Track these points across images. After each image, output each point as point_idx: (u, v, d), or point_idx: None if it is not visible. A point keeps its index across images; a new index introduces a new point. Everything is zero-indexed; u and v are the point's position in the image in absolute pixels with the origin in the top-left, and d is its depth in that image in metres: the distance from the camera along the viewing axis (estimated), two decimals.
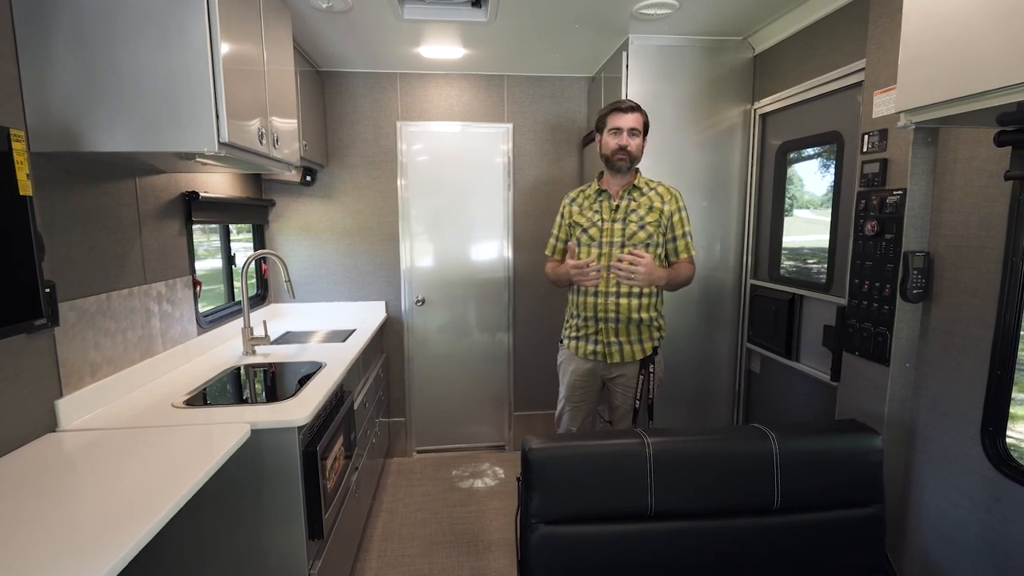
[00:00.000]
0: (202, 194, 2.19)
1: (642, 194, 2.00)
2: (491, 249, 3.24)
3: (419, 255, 3.19)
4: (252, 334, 2.26)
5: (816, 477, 1.42)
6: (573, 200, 2.11)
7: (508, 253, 3.23)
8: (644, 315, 1.97)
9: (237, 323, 2.41)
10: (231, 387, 1.89)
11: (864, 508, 1.44)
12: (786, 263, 2.40)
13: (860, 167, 1.75)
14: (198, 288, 2.24)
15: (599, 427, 2.23)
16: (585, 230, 2.01)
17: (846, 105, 1.97)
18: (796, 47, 2.23)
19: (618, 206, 1.98)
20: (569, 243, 1.98)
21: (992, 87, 1.04)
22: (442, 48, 2.65)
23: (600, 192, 2.03)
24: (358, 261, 3.15)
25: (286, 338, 2.59)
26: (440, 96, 3.08)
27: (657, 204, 1.97)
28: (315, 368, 2.02)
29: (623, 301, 1.95)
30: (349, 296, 3.16)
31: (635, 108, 1.95)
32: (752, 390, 2.61)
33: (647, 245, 1.95)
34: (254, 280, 3.05)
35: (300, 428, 1.54)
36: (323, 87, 3.00)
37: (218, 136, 1.43)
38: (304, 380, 1.87)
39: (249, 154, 1.67)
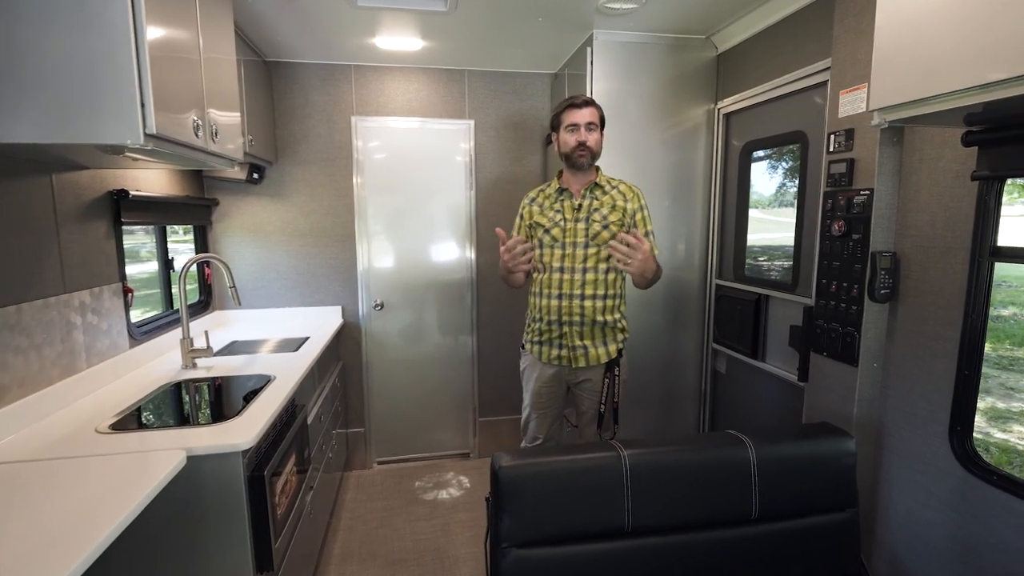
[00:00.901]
0: (132, 192, 1.99)
1: (604, 192, 1.93)
2: (453, 249, 3.12)
3: (377, 257, 3.04)
4: (192, 345, 2.07)
5: (793, 484, 1.39)
6: (533, 200, 2.03)
7: (471, 253, 3.12)
8: (608, 317, 1.91)
9: (176, 333, 2.21)
10: (166, 407, 1.71)
11: (839, 513, 1.42)
12: (749, 262, 2.39)
13: (827, 167, 1.74)
14: (130, 296, 2.03)
15: (566, 431, 2.16)
16: (547, 231, 1.93)
17: (810, 105, 1.97)
18: (759, 47, 2.22)
19: (580, 205, 1.92)
20: (497, 229, 1.85)
21: (964, 86, 1.01)
22: (399, 39, 2.51)
23: (561, 191, 1.96)
24: (312, 264, 2.97)
25: (232, 348, 2.40)
26: (398, 90, 2.94)
27: (620, 203, 1.91)
28: (263, 382, 1.86)
29: (587, 303, 1.89)
30: (302, 301, 2.98)
31: (590, 102, 1.89)
32: (718, 391, 2.61)
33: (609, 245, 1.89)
34: (196, 286, 2.83)
35: (245, 452, 1.40)
36: (271, 79, 2.81)
37: (144, 127, 1.27)
38: (251, 396, 1.72)
39: (184, 148, 1.50)
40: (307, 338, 2.54)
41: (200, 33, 1.62)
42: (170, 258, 2.48)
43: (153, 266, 2.46)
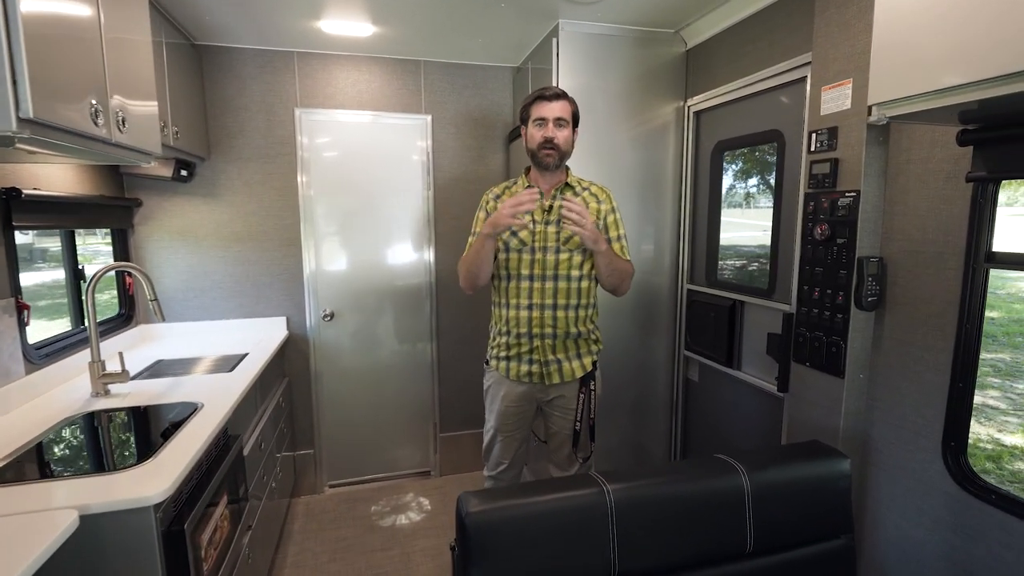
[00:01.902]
0: (27, 191, 1.69)
1: (576, 194, 1.78)
2: (410, 253, 2.91)
3: (326, 262, 2.79)
4: (104, 369, 1.78)
5: (789, 512, 1.27)
6: (498, 197, 1.86)
7: (430, 256, 2.91)
8: (582, 328, 1.76)
9: (86, 355, 1.91)
10: (64, 448, 1.43)
11: (835, 540, 1.32)
12: (726, 263, 2.30)
13: (808, 167, 1.65)
14: (25, 313, 1.73)
15: (532, 444, 2.00)
16: (514, 233, 1.76)
17: (787, 102, 1.88)
18: (730, 42, 2.12)
19: (551, 207, 1.76)
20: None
21: (978, 78, 0.91)
22: (347, 23, 2.28)
23: (529, 190, 1.80)
24: (251, 271, 2.69)
25: (156, 370, 2.11)
26: (347, 81, 2.70)
27: (593, 205, 1.77)
28: (189, 411, 1.61)
29: (560, 314, 1.73)
30: (241, 312, 2.69)
31: (561, 95, 1.73)
32: (690, 399, 2.51)
33: (584, 251, 1.74)
34: (116, 297, 2.50)
35: (159, 505, 1.16)
36: (201, 64, 2.51)
37: (16, 111, 1.02)
38: (172, 430, 1.46)
39: (78, 137, 1.24)
40: (246, 355, 2.28)
41: (101, 9, 1.36)
42: (80, 267, 2.16)
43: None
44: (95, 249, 2.59)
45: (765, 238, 2.02)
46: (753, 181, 2.20)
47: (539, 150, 1.72)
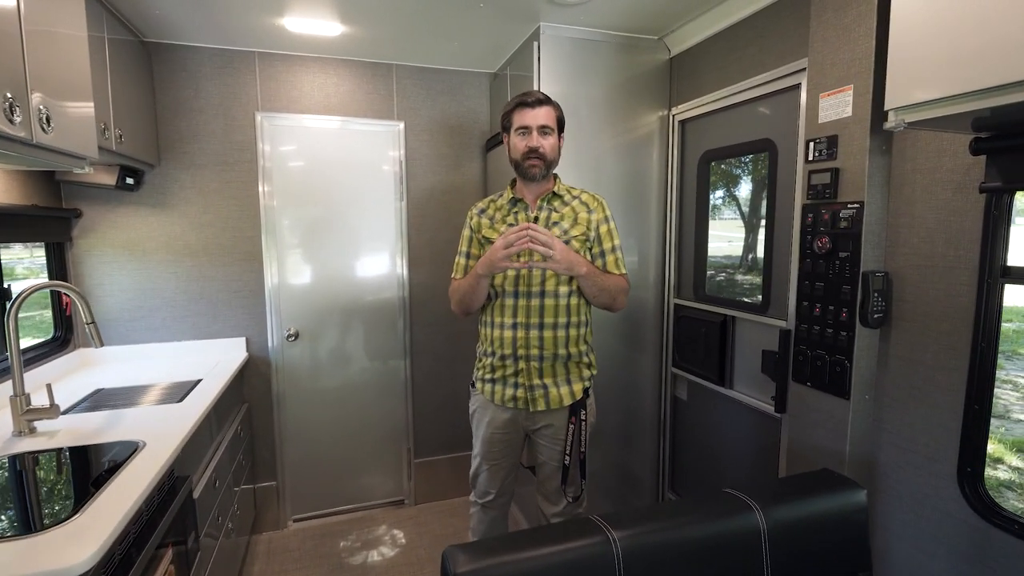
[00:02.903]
0: None
1: (564, 204, 1.67)
2: (381, 267, 2.73)
3: (290, 278, 2.59)
4: (29, 403, 1.55)
5: (807, 551, 1.16)
6: (483, 212, 1.73)
7: (402, 270, 2.75)
8: (572, 349, 1.63)
9: (8, 387, 1.67)
10: None
11: None
12: (711, 276, 2.22)
13: (806, 177, 1.57)
14: None
15: (521, 470, 1.86)
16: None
17: (779, 111, 1.82)
18: (716, 49, 2.06)
19: (537, 218, 1.64)
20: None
21: (1013, 79, 0.83)
22: (313, 21, 2.12)
23: (515, 202, 1.68)
24: (207, 288, 2.47)
25: (95, 401, 1.88)
26: (313, 84, 2.53)
27: (583, 215, 1.65)
28: (129, 451, 1.40)
29: (548, 334, 1.60)
30: (195, 333, 2.46)
31: (544, 101, 1.61)
32: (679, 418, 2.41)
33: None
34: (51, 318, 2.24)
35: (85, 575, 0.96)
36: (150, 63, 2.31)
37: None
38: (106, 477, 1.26)
39: None
40: (199, 381, 2.06)
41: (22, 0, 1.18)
42: (6, 286, 1.91)
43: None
44: (43, 263, 2.32)
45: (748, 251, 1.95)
46: (744, 192, 2.13)
47: (523, 161, 1.59)
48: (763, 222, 1.91)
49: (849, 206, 1.45)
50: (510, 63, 2.49)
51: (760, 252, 1.94)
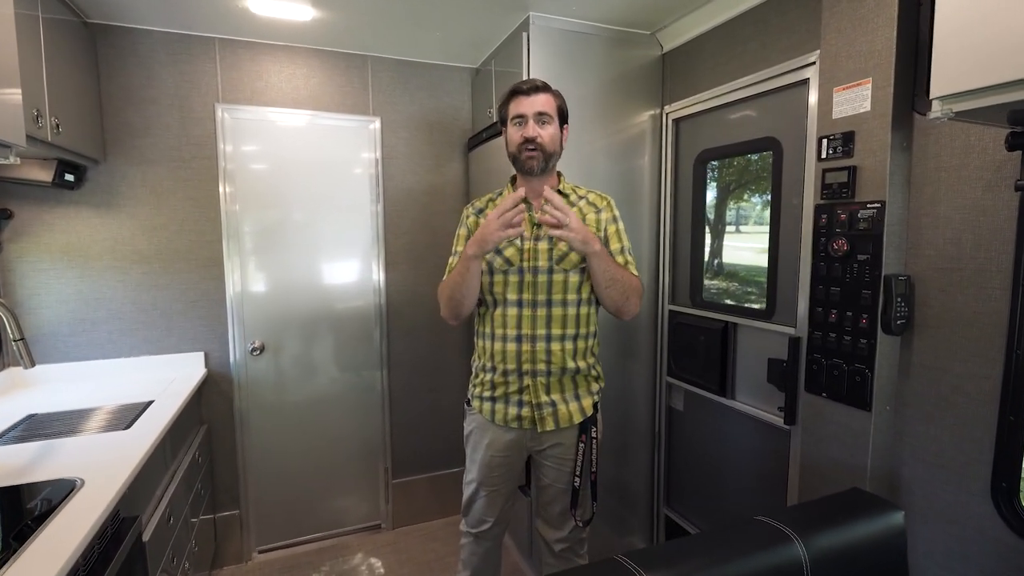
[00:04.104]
0: None
1: (570, 204, 1.54)
2: (356, 273, 2.54)
3: (255, 286, 2.37)
4: None
5: None
6: (480, 211, 1.58)
7: (379, 277, 2.56)
8: (581, 363, 1.50)
9: None
10: None
11: None
12: (708, 284, 2.13)
13: (820, 176, 1.49)
14: None
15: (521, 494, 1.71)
16: (499, 251, 1.49)
17: (784, 107, 1.74)
18: (713, 45, 1.98)
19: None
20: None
21: None
22: (282, 4, 1.94)
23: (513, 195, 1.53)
24: (160, 297, 2.23)
25: (27, 429, 1.63)
26: (281, 75, 2.33)
27: (591, 215, 1.53)
28: (65, 491, 1.19)
29: (556, 347, 1.46)
30: (146, 348, 2.21)
31: (542, 88, 1.48)
32: (674, 430, 2.30)
33: (581, 269, 1.49)
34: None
35: None
36: (95, 47, 2.07)
37: None
38: (34, 525, 1.05)
39: None
40: (150, 402, 1.83)
41: None
42: None
43: None
44: None
45: (752, 256, 1.87)
46: (744, 194, 2.05)
47: (519, 153, 1.46)
48: (765, 224, 1.83)
49: (869, 206, 1.37)
50: (495, 57, 2.35)
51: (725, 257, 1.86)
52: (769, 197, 1.81)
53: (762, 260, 1.87)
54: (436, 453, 2.71)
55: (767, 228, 1.82)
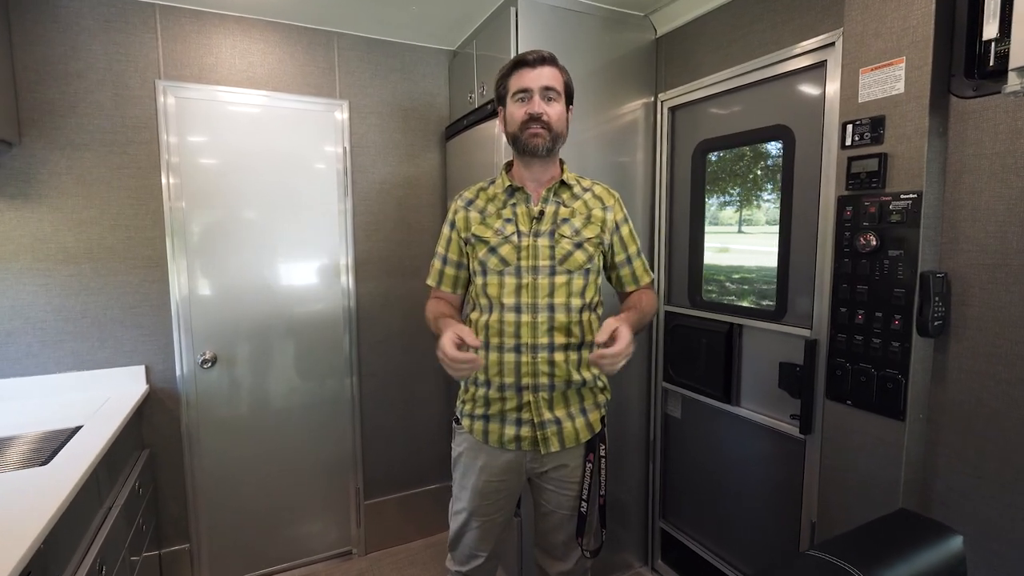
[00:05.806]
0: None
1: (575, 196, 1.36)
2: (322, 275, 2.29)
3: (205, 288, 2.09)
4: None
5: None
6: (470, 203, 1.39)
7: (348, 279, 2.32)
8: (587, 374, 1.33)
9: None
10: None
11: None
12: (707, 286, 2.00)
13: (846, 165, 1.37)
14: None
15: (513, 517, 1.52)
16: (493, 249, 1.30)
17: (796, 93, 1.62)
18: (714, 27, 1.85)
19: (543, 212, 1.32)
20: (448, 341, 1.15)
21: None
22: None
23: (512, 191, 1.35)
24: (92, 303, 1.92)
25: None
26: (233, 50, 2.06)
27: (598, 212, 1.35)
28: None
29: (559, 357, 1.28)
30: (75, 363, 1.91)
31: (549, 60, 1.30)
32: (671, 438, 2.17)
33: (586, 271, 1.32)
34: None
35: None
36: (6, 11, 1.75)
37: None
38: None
39: None
40: (78, 428, 1.55)
41: None
42: None
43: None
44: None
45: (752, 256, 1.74)
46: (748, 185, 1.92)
47: (522, 131, 1.27)
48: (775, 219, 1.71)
49: (903, 197, 1.25)
50: (476, 37, 2.16)
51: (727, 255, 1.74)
52: (765, 194, 1.70)
53: (762, 260, 1.75)
54: (413, 469, 2.48)
55: (765, 225, 1.70)
